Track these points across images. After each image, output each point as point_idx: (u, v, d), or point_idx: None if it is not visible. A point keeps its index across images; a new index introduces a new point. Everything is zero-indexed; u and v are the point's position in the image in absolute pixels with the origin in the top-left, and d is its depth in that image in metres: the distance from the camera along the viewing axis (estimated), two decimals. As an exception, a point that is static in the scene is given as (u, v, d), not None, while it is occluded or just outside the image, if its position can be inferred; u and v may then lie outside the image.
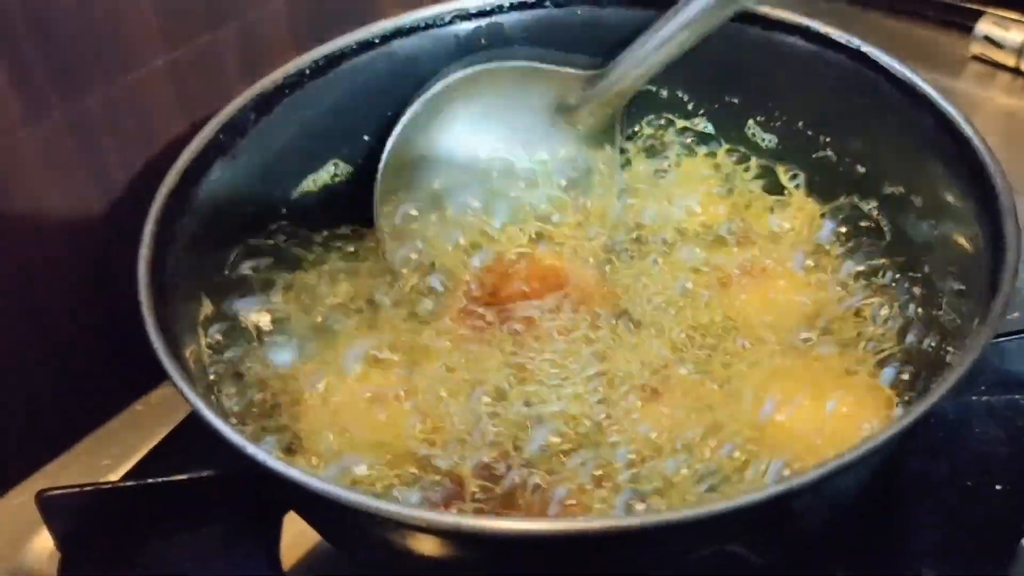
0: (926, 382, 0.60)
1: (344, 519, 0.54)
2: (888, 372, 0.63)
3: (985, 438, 0.65)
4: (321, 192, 0.73)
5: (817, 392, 0.62)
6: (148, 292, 0.57)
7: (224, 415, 0.53)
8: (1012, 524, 0.61)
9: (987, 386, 0.67)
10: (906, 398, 0.61)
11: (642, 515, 0.46)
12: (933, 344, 0.62)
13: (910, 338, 0.64)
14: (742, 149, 0.76)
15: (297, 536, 0.65)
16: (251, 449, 0.51)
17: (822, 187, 0.73)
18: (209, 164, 0.66)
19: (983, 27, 0.94)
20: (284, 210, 0.72)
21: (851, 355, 0.64)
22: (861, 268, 0.69)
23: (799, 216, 0.73)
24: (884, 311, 0.66)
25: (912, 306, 0.66)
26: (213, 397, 0.61)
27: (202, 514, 0.63)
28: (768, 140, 0.75)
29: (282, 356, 0.67)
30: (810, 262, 0.70)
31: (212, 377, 0.63)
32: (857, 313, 0.67)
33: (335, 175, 0.74)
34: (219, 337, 0.65)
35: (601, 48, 0.75)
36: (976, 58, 0.95)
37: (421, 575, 0.56)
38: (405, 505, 0.49)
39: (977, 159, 0.60)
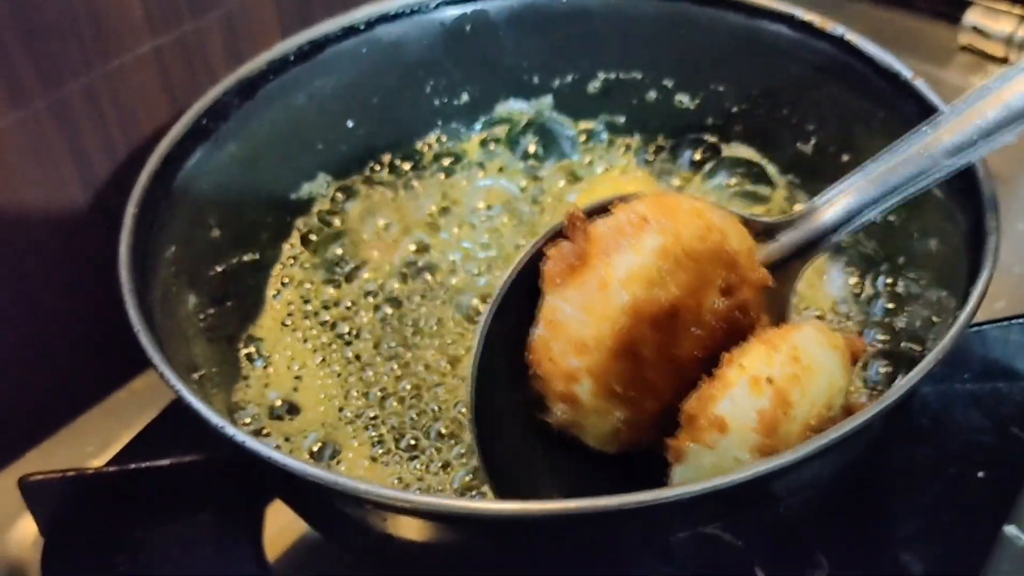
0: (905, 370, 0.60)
1: (323, 501, 0.54)
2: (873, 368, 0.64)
3: (968, 426, 0.65)
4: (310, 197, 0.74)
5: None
6: (130, 276, 0.57)
7: (206, 400, 0.53)
8: (994, 511, 0.61)
9: (970, 374, 0.67)
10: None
11: (618, 497, 0.45)
12: (914, 327, 0.62)
13: (889, 322, 0.65)
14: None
15: (283, 529, 0.65)
16: (230, 431, 0.51)
17: (805, 176, 0.73)
18: (192, 149, 0.66)
19: (971, 17, 0.94)
20: (274, 200, 0.72)
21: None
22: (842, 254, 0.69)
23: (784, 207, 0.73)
24: (865, 293, 0.66)
25: (893, 290, 0.66)
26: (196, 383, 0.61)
27: (186, 500, 0.63)
28: (751, 130, 0.75)
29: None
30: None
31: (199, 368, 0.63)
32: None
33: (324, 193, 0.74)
34: (206, 322, 0.65)
35: (586, 37, 0.75)
36: (965, 48, 0.95)
37: (402, 558, 0.56)
38: (384, 487, 0.49)
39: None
